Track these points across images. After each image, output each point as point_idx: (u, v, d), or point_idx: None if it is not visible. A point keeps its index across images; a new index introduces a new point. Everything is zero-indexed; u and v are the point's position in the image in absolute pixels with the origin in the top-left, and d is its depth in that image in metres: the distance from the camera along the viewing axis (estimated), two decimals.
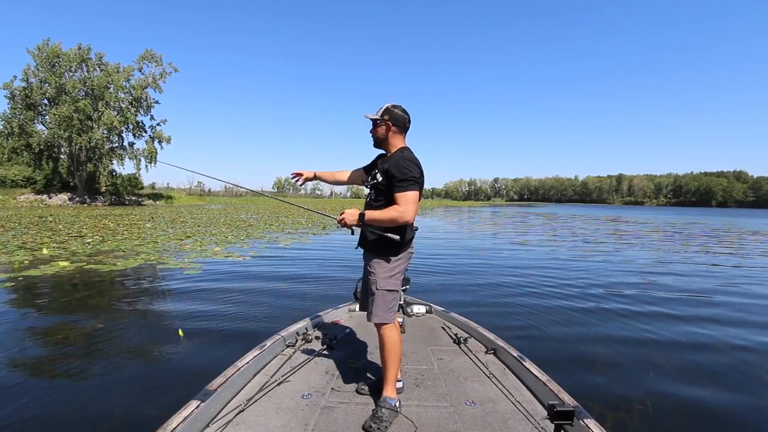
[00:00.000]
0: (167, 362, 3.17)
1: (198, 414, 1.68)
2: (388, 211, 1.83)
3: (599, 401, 2.60)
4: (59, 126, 32.06)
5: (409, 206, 1.82)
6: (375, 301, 1.93)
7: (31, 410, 2.41)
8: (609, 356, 3.45)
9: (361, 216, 1.82)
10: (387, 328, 1.94)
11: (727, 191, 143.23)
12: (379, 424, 1.75)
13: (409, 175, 1.85)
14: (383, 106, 2.01)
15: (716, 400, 2.74)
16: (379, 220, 1.83)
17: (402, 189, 1.84)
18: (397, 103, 2.01)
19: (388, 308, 1.93)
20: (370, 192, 2.04)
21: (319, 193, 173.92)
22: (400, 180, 1.85)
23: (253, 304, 4.82)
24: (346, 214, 1.83)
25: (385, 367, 1.94)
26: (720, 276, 7.53)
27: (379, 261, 1.94)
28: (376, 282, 1.93)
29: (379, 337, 1.97)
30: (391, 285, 1.94)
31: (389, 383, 1.91)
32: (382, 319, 1.92)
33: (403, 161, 1.89)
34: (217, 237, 11.68)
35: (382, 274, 1.93)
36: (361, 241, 2.03)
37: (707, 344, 3.83)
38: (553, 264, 8.40)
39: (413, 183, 1.85)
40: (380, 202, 1.95)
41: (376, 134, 2.02)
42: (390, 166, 1.89)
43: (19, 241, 9.64)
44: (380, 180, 1.93)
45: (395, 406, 1.85)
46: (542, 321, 4.41)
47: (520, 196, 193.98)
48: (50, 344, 3.47)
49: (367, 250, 2.02)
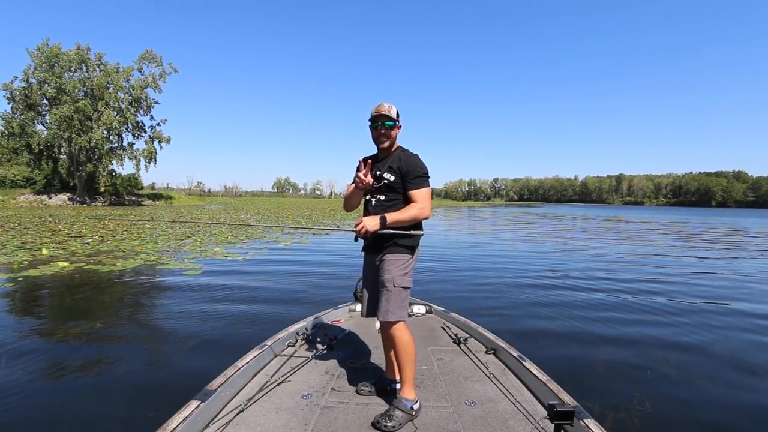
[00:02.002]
0: (167, 362, 3.17)
1: (198, 414, 1.68)
2: (408, 210, 1.83)
3: (599, 401, 2.60)
4: (59, 126, 32.05)
5: (426, 202, 1.87)
6: (391, 298, 1.87)
7: (31, 411, 2.41)
8: (609, 356, 3.45)
9: (383, 219, 1.78)
10: (398, 328, 1.88)
11: (726, 191, 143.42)
12: (388, 423, 1.72)
13: (422, 171, 1.89)
14: (393, 108, 1.95)
15: (716, 400, 2.74)
16: (401, 220, 1.81)
17: (418, 186, 1.87)
18: (392, 104, 1.95)
19: (403, 305, 1.90)
20: (375, 195, 1.97)
21: (318, 193, 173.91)
22: (416, 177, 1.87)
23: (253, 304, 4.81)
24: (365, 223, 1.77)
25: (401, 367, 1.89)
26: (720, 276, 7.53)
27: (394, 258, 1.91)
28: (393, 279, 1.88)
29: (390, 338, 1.90)
30: (406, 282, 1.91)
31: (407, 383, 1.87)
32: (399, 316, 1.87)
33: (414, 158, 1.91)
34: (217, 237, 11.67)
35: (397, 271, 1.89)
36: (370, 243, 1.98)
37: (707, 344, 3.83)
38: (552, 264, 8.39)
39: (426, 179, 1.90)
40: (394, 201, 1.92)
41: (393, 136, 1.97)
42: (402, 164, 1.89)
43: (18, 241, 9.63)
44: (392, 179, 1.90)
45: (410, 408, 1.80)
46: (542, 321, 4.41)
47: (520, 196, 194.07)
48: (50, 344, 3.47)
49: (376, 250, 1.97)
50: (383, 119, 1.93)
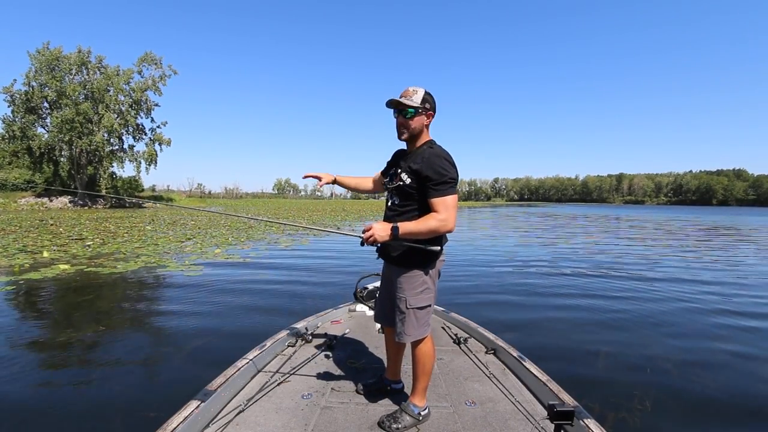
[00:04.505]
0: (167, 362, 3.17)
1: (198, 414, 1.68)
2: (426, 221, 1.55)
3: (599, 401, 2.60)
4: (60, 129, 32.12)
5: (450, 213, 1.55)
6: (405, 320, 1.71)
7: (31, 411, 2.41)
8: (609, 356, 3.45)
9: (395, 230, 1.54)
10: (417, 344, 1.76)
11: (727, 190, 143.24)
12: (393, 425, 1.71)
13: (448, 176, 1.57)
14: (419, 91, 1.65)
15: (717, 399, 2.73)
16: (416, 232, 1.55)
17: (440, 193, 1.56)
18: (421, 87, 1.70)
19: (420, 324, 1.73)
20: (392, 196, 1.75)
21: (319, 194, 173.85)
22: (438, 183, 1.56)
23: (253, 304, 4.82)
24: (375, 231, 1.54)
25: (416, 376, 1.80)
26: (720, 275, 7.52)
27: (408, 275, 1.69)
28: (406, 300, 1.69)
29: (411, 351, 1.81)
30: (423, 301, 1.71)
31: (419, 392, 1.80)
32: (415, 337, 1.73)
33: (438, 159, 1.59)
34: (218, 239, 11.67)
35: (411, 290, 1.69)
36: (383, 251, 1.79)
37: (707, 343, 3.83)
38: (552, 263, 8.39)
39: (452, 185, 1.58)
40: (409, 207, 1.68)
41: (413, 125, 1.67)
42: (421, 166, 1.60)
43: (19, 244, 9.64)
44: (408, 182, 1.64)
45: (418, 414, 1.76)
46: (542, 321, 4.41)
47: (521, 196, 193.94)
48: (51, 347, 3.47)
49: (390, 263, 1.77)
50: (400, 107, 1.66)
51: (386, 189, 1.82)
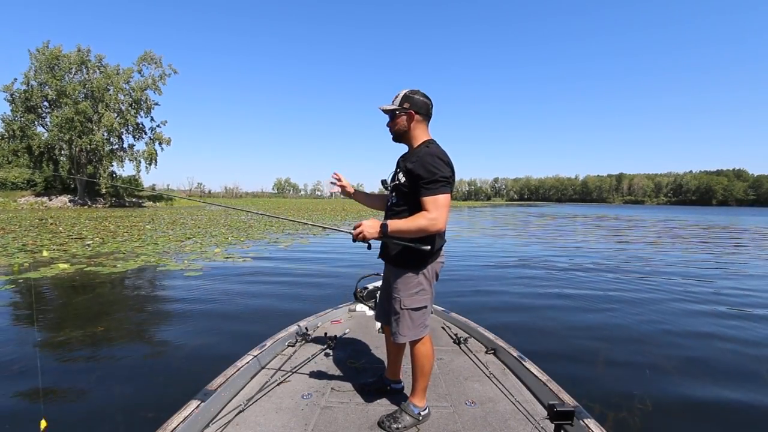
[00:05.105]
0: (167, 362, 3.17)
1: (198, 414, 1.68)
2: (416, 220, 1.56)
3: (599, 401, 2.60)
4: (60, 128, 32.10)
5: (440, 212, 1.56)
6: (400, 321, 1.73)
7: (31, 411, 2.41)
8: (609, 356, 3.45)
9: (384, 227, 1.56)
10: (414, 344, 1.78)
11: (727, 190, 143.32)
12: (393, 425, 1.72)
13: (439, 174, 1.58)
14: (400, 93, 1.73)
15: (717, 399, 2.73)
16: (405, 230, 1.57)
17: (431, 192, 1.57)
18: (407, 88, 1.76)
19: (416, 325, 1.74)
20: (391, 195, 1.81)
21: (318, 194, 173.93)
22: (429, 181, 1.58)
23: (253, 304, 4.82)
24: (364, 227, 1.56)
25: (415, 377, 1.81)
26: (719, 275, 7.52)
27: (402, 276, 1.72)
28: (400, 300, 1.71)
29: (410, 351, 1.83)
30: (418, 302, 1.72)
31: (418, 393, 1.81)
32: (410, 337, 1.75)
33: (430, 158, 1.61)
34: (217, 238, 11.67)
35: (405, 291, 1.71)
36: (382, 251, 1.82)
37: (707, 343, 3.83)
38: (552, 263, 8.39)
39: (444, 184, 1.59)
40: (402, 207, 1.71)
41: (396, 127, 1.75)
42: (415, 165, 1.62)
43: (19, 243, 9.64)
44: (403, 181, 1.68)
45: (418, 414, 1.78)
46: (542, 321, 4.41)
47: (521, 195, 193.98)
48: (50, 347, 3.47)
49: (388, 263, 1.81)
50: (384, 112, 1.76)
51: (386, 188, 1.86)
